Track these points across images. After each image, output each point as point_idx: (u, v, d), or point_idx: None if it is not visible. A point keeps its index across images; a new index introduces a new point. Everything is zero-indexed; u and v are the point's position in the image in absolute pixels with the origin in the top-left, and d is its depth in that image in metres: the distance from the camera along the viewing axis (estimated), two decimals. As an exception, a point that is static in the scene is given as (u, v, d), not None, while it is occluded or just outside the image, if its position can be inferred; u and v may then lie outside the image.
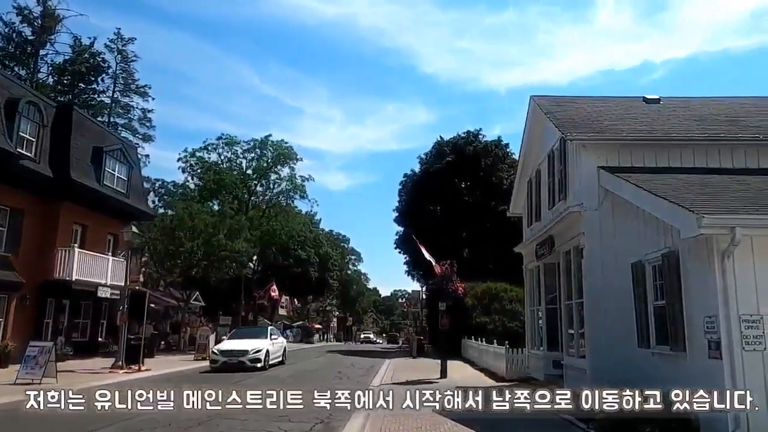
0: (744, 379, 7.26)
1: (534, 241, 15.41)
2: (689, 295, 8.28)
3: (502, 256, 36.55)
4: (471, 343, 25.85)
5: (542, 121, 15.05)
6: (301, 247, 54.41)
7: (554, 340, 14.93)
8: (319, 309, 77.61)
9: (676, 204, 7.99)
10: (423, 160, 41.70)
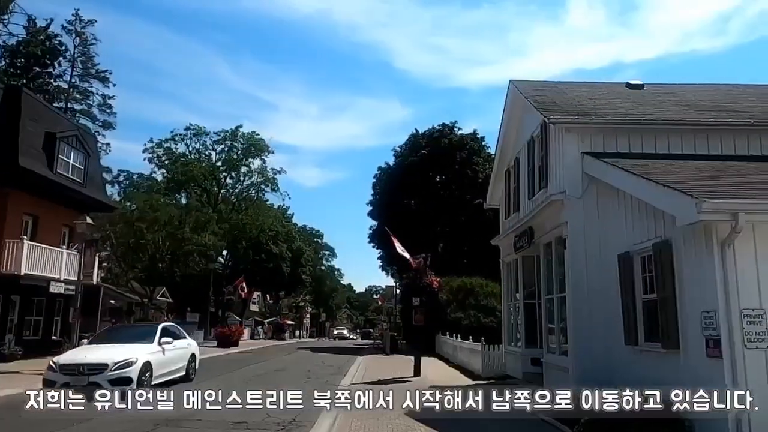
0: (746, 379, 6.60)
1: (512, 232, 14.71)
2: (684, 289, 7.60)
3: (477, 251, 36.10)
4: (446, 339, 25.17)
5: (522, 107, 14.32)
6: (273, 241, 53.11)
7: (533, 337, 14.26)
8: (291, 305, 76.34)
9: (671, 188, 7.28)
10: (398, 153, 40.91)
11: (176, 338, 14.47)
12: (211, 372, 17.35)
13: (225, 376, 16.68)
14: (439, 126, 40.56)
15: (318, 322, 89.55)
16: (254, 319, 63.59)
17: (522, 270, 14.70)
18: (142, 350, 12.49)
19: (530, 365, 13.89)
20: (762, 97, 12.92)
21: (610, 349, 9.57)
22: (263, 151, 42.58)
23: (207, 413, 8.68)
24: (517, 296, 15.02)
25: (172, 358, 13.87)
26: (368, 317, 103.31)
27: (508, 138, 15.79)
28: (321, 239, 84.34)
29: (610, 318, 9.68)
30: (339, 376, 17.03)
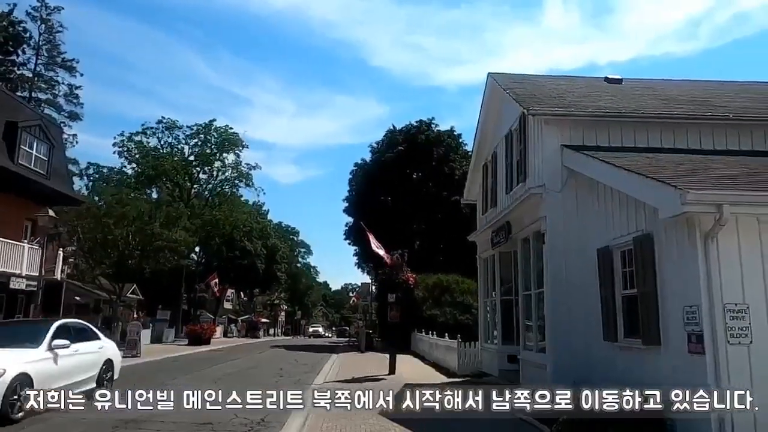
0: (729, 376, 6.42)
1: (489, 228, 14.48)
2: (665, 283, 7.41)
3: (453, 248, 36.00)
4: (421, 336, 24.93)
5: (500, 100, 14.09)
6: (248, 238, 52.32)
7: (509, 334, 14.07)
8: (266, 303, 75.43)
9: (655, 180, 7.07)
10: (374, 149, 40.54)
11: (80, 340, 10.64)
12: (180, 371, 16.81)
13: (194, 374, 16.14)
14: (416, 122, 40.33)
15: (293, 319, 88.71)
16: (228, 316, 62.60)
17: (499, 266, 14.49)
18: (17, 357, 8.67)
19: (507, 362, 13.70)
20: (739, 93, 12.90)
21: (589, 346, 9.38)
22: (237, 145, 41.75)
23: (171, 414, 8.32)
24: (494, 293, 14.80)
25: (73, 367, 10.00)
26: (344, 315, 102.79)
27: (486, 132, 15.56)
28: (297, 236, 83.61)
29: (589, 314, 9.48)
30: (312, 375, 16.62)
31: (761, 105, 11.57)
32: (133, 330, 22.52)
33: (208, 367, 18.50)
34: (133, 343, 22.06)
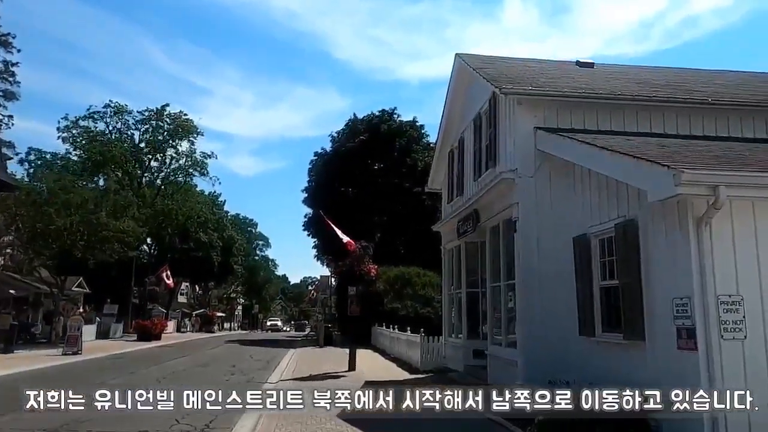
0: (722, 374, 5.86)
1: (455, 217, 13.79)
2: (651, 273, 6.82)
3: (415, 240, 35.38)
4: (382, 330, 24.20)
5: (468, 81, 13.40)
6: (202, 229, 50.44)
7: (475, 328, 13.46)
8: (222, 296, 73.44)
9: (644, 159, 6.44)
10: (335, 139, 39.50)
11: None
12: (122, 370, 15.56)
13: (138, 373, 14.94)
14: (378, 112, 39.49)
15: (250, 313, 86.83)
16: (182, 310, 60.60)
17: (465, 257, 13.84)
18: None
19: (472, 358, 13.09)
20: (712, 80, 12.57)
21: (564, 341, 8.77)
22: (191, 132, 39.86)
23: (100, 420, 7.45)
24: (460, 285, 14.15)
25: None
26: (303, 308, 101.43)
27: (453, 117, 14.85)
28: (255, 228, 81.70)
29: (564, 307, 8.88)
30: (267, 372, 15.65)
31: (735, 91, 11.21)
32: (74, 325, 20.97)
33: (153, 365, 17.27)
34: (74, 339, 20.55)
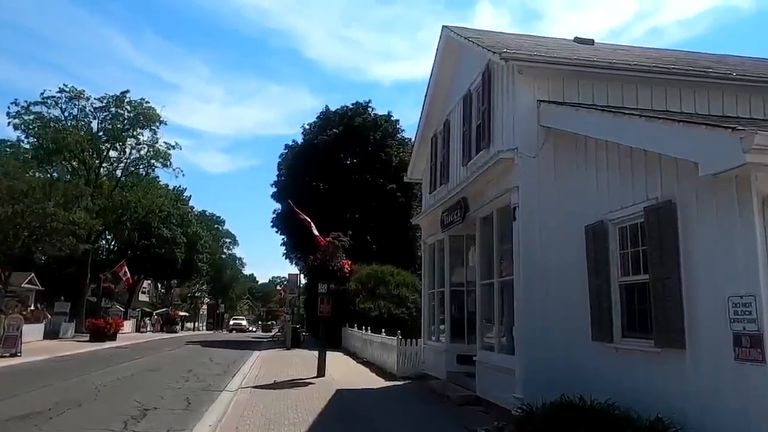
0: (795, 394, 4.61)
1: (439, 207, 12.44)
2: (694, 266, 5.55)
3: (388, 238, 34.07)
4: (354, 332, 22.75)
5: (457, 55, 12.09)
6: (165, 224, 48.16)
7: (460, 330, 12.13)
8: (186, 295, 70.79)
9: (696, 123, 5.16)
10: (307, 131, 37.87)
11: None
12: (59, 375, 13.73)
13: (75, 380, 13.15)
14: (352, 105, 38.01)
15: (216, 313, 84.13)
16: (142, 309, 57.96)
17: (449, 252, 12.49)
18: None
19: (456, 363, 11.75)
20: (718, 62, 11.47)
21: (573, 348, 7.49)
22: (154, 121, 37.53)
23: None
24: (443, 283, 12.80)
25: None
26: (271, 309, 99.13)
27: (437, 98, 13.49)
28: (222, 226, 79.21)
29: (573, 307, 7.60)
30: (226, 378, 14.06)
31: (747, 71, 10.08)
32: (13, 325, 18.92)
33: (98, 369, 15.45)
34: (12, 340, 18.54)
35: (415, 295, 27.14)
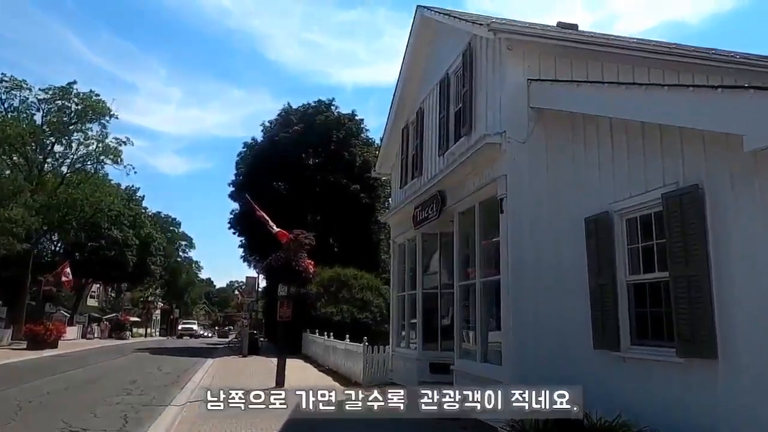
0: None
1: (411, 202, 11.45)
2: (728, 261, 4.70)
3: (351, 240, 32.94)
4: (315, 338, 21.52)
5: (433, 37, 11.18)
6: (116, 225, 45.71)
7: (433, 336, 11.18)
8: (138, 299, 67.79)
9: (740, 88, 4.31)
10: (267, 128, 36.38)
11: None
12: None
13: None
14: (315, 102, 36.74)
15: (170, 318, 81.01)
16: (90, 315, 54.97)
17: (422, 251, 11.52)
18: None
19: (429, 372, 10.77)
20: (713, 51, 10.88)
21: (569, 357, 6.59)
22: (103, 114, 35.38)
23: None
24: (414, 284, 11.81)
25: None
26: (228, 314, 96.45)
27: (409, 85, 12.53)
28: (178, 228, 76.31)
29: (570, 310, 6.73)
30: (174, 390, 12.66)
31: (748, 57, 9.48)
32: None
33: (28, 381, 13.77)
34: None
35: (379, 299, 26.17)
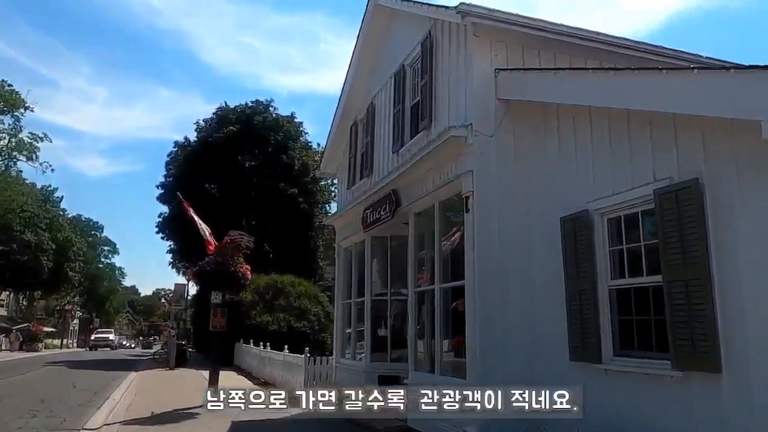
0: None
1: (360, 203, 10.69)
2: (734, 263, 4.23)
3: (288, 247, 31.76)
4: (249, 348, 20.27)
5: (387, 28, 10.52)
6: (29, 227, 42.27)
7: (382, 347, 10.43)
8: (54, 308, 63.12)
9: (756, 69, 3.85)
10: (201, 128, 34.63)
11: None
12: None
13: None
14: (252, 102, 35.34)
15: (89, 328, 76.03)
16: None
17: (371, 255, 10.77)
18: None
19: (378, 386, 9.96)
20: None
21: (543, 369, 6.02)
22: (17, 107, 32.51)
23: None
24: (362, 291, 11.03)
25: None
26: (154, 323, 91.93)
27: (359, 81, 11.79)
28: (100, 233, 72.00)
29: (543, 318, 6.19)
30: (90, 409, 11.28)
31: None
32: None
33: None
34: None
35: (318, 307, 25.19)
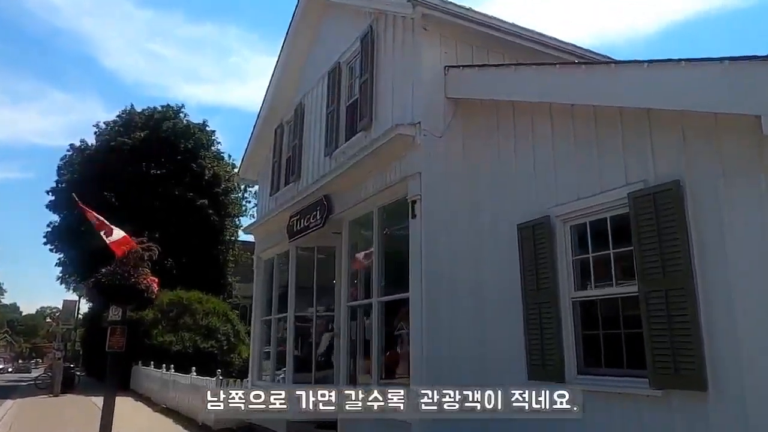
0: None
1: (286, 211, 9.81)
2: (720, 271, 3.91)
3: (195, 261, 29.79)
4: (150, 371, 18.44)
5: (320, 23, 9.86)
6: None
7: (306, 367, 9.52)
8: None
9: (753, 60, 3.55)
10: (103, 131, 31.92)
11: None
12: None
13: None
14: (162, 107, 33.09)
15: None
16: None
17: (296, 267, 9.90)
18: None
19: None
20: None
21: (498, 389, 5.47)
22: None
23: None
24: (285, 306, 10.10)
25: None
26: (36, 344, 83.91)
27: (286, 79, 10.97)
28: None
29: (498, 334, 5.68)
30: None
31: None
32: None
33: None
34: None
35: (227, 325, 23.61)
